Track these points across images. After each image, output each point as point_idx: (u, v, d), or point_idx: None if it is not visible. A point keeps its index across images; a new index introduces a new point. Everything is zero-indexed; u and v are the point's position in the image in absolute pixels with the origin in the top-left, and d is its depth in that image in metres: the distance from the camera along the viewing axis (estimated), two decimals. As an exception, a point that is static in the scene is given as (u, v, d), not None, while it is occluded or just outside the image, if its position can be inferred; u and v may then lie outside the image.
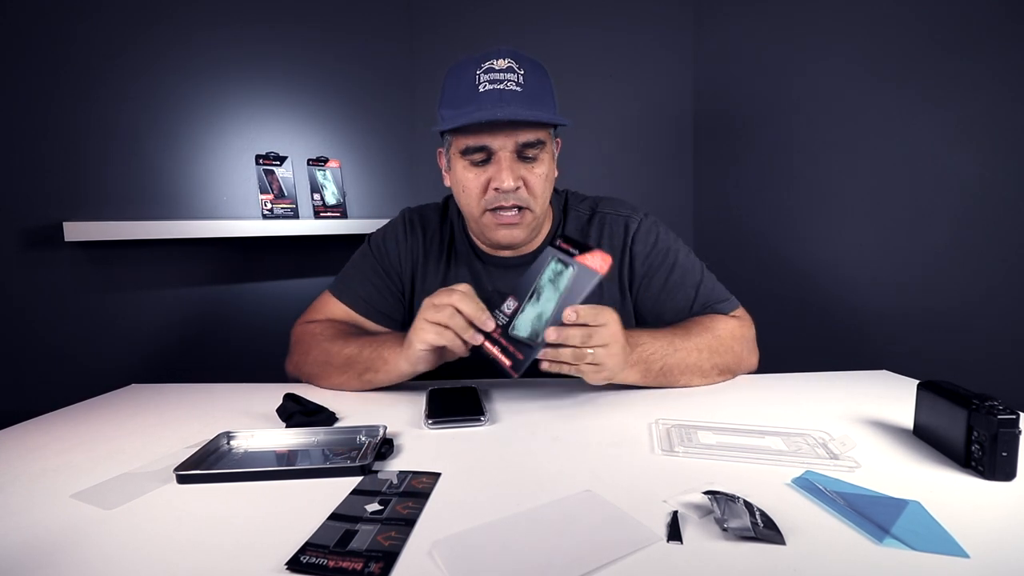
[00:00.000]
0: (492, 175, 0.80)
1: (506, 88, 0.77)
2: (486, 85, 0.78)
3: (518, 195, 0.81)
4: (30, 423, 0.71)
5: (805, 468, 0.52)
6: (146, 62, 1.34)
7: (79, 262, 1.28)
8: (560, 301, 0.67)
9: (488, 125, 0.77)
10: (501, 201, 0.81)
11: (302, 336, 0.90)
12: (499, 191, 0.80)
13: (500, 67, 0.78)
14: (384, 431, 0.61)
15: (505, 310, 0.69)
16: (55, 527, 0.45)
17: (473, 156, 0.81)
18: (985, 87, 1.03)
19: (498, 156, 0.79)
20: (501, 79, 0.78)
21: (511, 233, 0.84)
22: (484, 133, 0.78)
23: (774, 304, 1.50)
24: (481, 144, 0.79)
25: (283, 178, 1.50)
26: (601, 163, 1.80)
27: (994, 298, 1.04)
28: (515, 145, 0.79)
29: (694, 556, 0.39)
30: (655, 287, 0.90)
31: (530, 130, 0.79)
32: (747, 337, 0.87)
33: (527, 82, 0.79)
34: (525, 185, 0.81)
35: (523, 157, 0.81)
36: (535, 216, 0.85)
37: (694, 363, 0.79)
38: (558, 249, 0.69)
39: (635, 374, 0.76)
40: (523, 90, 0.78)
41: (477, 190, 0.82)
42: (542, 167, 0.82)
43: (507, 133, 0.78)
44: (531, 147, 0.80)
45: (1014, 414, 0.48)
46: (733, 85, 1.64)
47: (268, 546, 0.41)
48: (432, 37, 1.80)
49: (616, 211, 0.93)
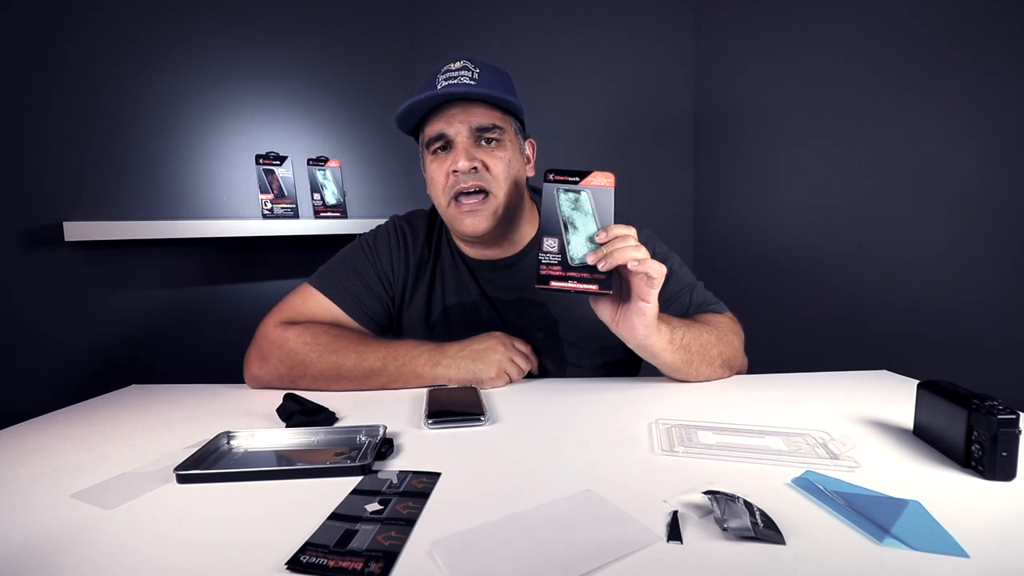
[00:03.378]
0: (451, 161, 0.83)
1: (459, 81, 0.82)
2: (442, 83, 0.82)
3: (479, 176, 0.83)
4: (30, 423, 0.71)
5: (805, 468, 0.52)
6: (146, 62, 1.34)
7: (79, 262, 1.28)
8: (597, 221, 0.70)
9: (444, 115, 0.82)
10: (461, 184, 0.83)
11: (283, 343, 0.83)
12: (457, 173, 0.83)
13: (455, 67, 0.83)
14: (384, 431, 0.61)
15: (551, 249, 0.69)
16: (55, 527, 0.44)
17: (435, 145, 0.85)
18: (985, 87, 1.03)
19: (455, 142, 0.83)
20: (456, 76, 0.82)
21: (474, 221, 0.84)
22: (441, 121, 0.83)
23: (774, 304, 1.50)
24: (438, 132, 0.83)
25: (283, 178, 1.50)
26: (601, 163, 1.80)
27: (994, 298, 1.04)
28: (469, 130, 0.83)
29: (694, 556, 0.39)
30: None
31: (484, 114, 0.83)
32: (740, 334, 0.90)
33: (481, 77, 0.83)
34: (486, 168, 0.83)
35: (483, 141, 0.84)
36: (499, 202, 0.85)
37: (705, 343, 0.80)
38: (556, 183, 0.70)
39: (665, 333, 0.75)
40: (476, 82, 0.82)
41: (441, 180, 0.85)
42: (503, 152, 0.85)
43: (460, 118, 0.82)
44: (488, 130, 0.83)
45: (1014, 414, 0.48)
46: (733, 85, 1.64)
47: (268, 546, 0.41)
48: (433, 37, 1.80)
49: None
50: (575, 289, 0.69)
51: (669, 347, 0.76)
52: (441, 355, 0.81)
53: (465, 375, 0.81)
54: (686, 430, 0.62)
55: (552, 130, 0.99)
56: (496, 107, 0.84)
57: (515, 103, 0.84)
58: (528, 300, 0.91)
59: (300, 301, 0.90)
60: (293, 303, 0.90)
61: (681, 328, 0.78)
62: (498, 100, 0.82)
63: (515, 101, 0.84)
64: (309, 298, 0.90)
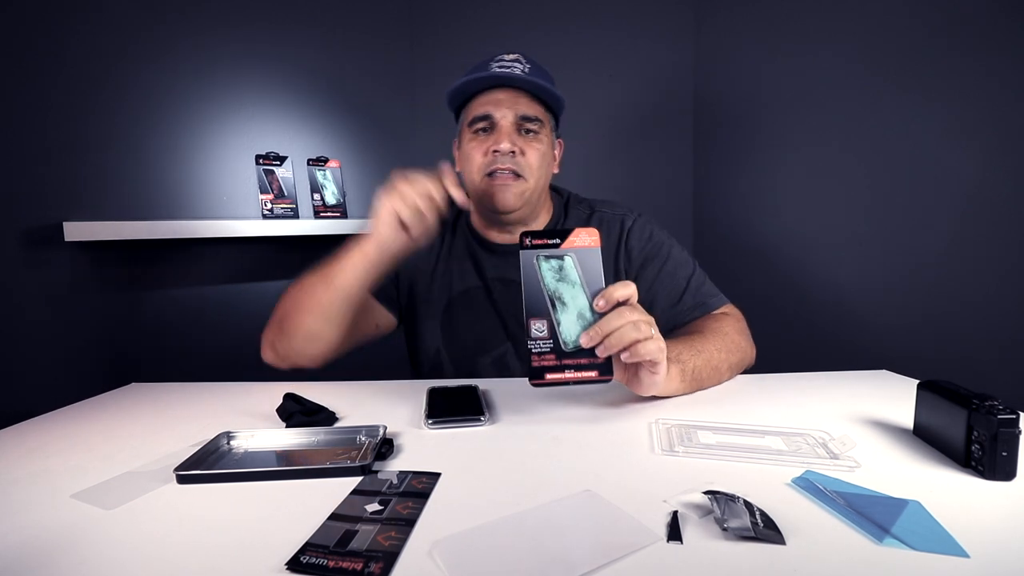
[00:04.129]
0: (493, 141, 0.88)
1: (512, 71, 0.88)
2: (495, 68, 0.88)
3: (515, 161, 0.88)
4: (30, 423, 0.71)
5: (805, 468, 0.52)
6: (146, 62, 1.34)
7: (79, 262, 1.28)
8: (587, 291, 0.63)
9: (494, 99, 0.88)
10: (498, 164, 0.88)
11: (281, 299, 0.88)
12: (497, 153, 0.88)
13: (509, 58, 0.90)
14: (384, 431, 0.61)
15: (540, 334, 0.62)
16: (55, 527, 0.44)
17: (478, 125, 0.90)
18: (985, 87, 1.03)
19: (499, 125, 0.88)
20: (508, 65, 0.89)
21: (504, 196, 0.89)
22: (490, 104, 0.89)
23: (774, 303, 1.50)
24: (485, 112, 0.89)
25: (283, 178, 1.50)
26: (601, 162, 1.80)
27: (994, 298, 1.04)
28: (515, 116, 0.88)
29: (694, 556, 0.39)
30: (649, 276, 0.94)
31: (529, 105, 0.89)
32: (745, 331, 0.90)
33: (532, 71, 0.89)
34: (523, 154, 0.89)
35: (523, 131, 0.90)
36: (529, 187, 0.90)
37: (716, 366, 0.79)
38: (535, 248, 0.64)
39: (676, 376, 0.72)
40: (526, 76, 0.88)
41: (479, 157, 0.90)
42: (540, 144, 0.91)
43: (508, 104, 0.88)
44: (530, 121, 0.89)
45: (1014, 414, 0.48)
46: (733, 85, 1.64)
47: (268, 546, 0.41)
48: (433, 37, 1.80)
49: (613, 211, 0.99)
50: (574, 380, 0.62)
51: (682, 386, 0.74)
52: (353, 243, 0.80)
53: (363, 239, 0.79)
54: (686, 430, 0.62)
55: (552, 130, 1.01)
56: (539, 102, 0.91)
57: (559, 97, 0.90)
58: None
59: None
60: None
61: (691, 359, 0.75)
62: (545, 91, 0.89)
63: (559, 95, 0.90)
64: None
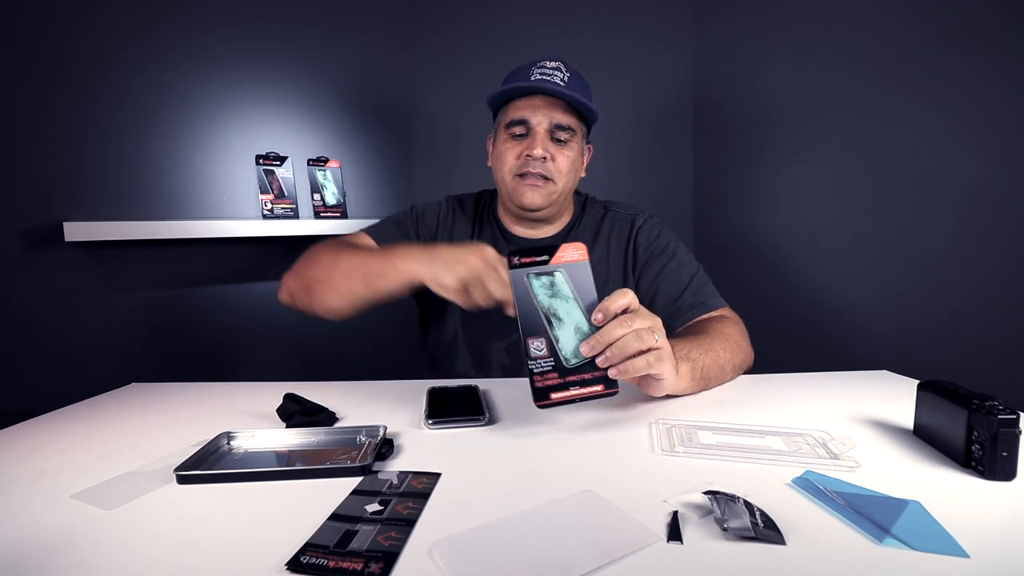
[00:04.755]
0: (526, 146, 0.93)
1: (552, 79, 0.91)
2: (536, 75, 0.92)
3: (545, 166, 0.93)
4: (30, 423, 0.71)
5: (805, 468, 0.52)
6: (146, 62, 1.34)
7: (79, 262, 1.28)
8: (582, 305, 0.61)
9: (532, 105, 0.92)
10: (529, 167, 0.93)
11: (314, 250, 0.90)
12: (530, 157, 0.92)
13: (550, 66, 0.93)
14: (384, 431, 0.61)
15: (539, 353, 0.60)
16: (55, 527, 0.44)
17: (514, 129, 0.94)
18: (985, 87, 1.03)
19: (535, 131, 0.93)
20: (550, 73, 0.92)
21: (533, 195, 0.94)
22: (527, 109, 0.92)
23: (774, 304, 1.50)
24: (522, 117, 0.93)
25: (283, 178, 1.50)
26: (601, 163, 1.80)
27: (994, 298, 1.04)
28: (550, 123, 0.92)
29: (694, 556, 0.39)
30: (653, 272, 0.98)
31: (564, 114, 0.93)
32: (745, 332, 0.91)
33: (571, 81, 0.93)
34: (553, 160, 0.93)
35: (555, 139, 0.94)
36: (557, 190, 0.95)
37: (722, 365, 0.79)
38: (523, 267, 0.61)
39: (686, 374, 0.72)
40: (566, 85, 0.91)
41: (512, 159, 0.95)
42: (570, 151, 0.95)
43: (545, 112, 0.92)
44: (563, 130, 0.93)
45: (1014, 414, 0.48)
46: (733, 85, 1.64)
47: (268, 546, 0.41)
48: (433, 37, 1.80)
49: (626, 211, 1.05)
50: (579, 396, 0.60)
51: (691, 384, 0.74)
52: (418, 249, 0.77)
53: (421, 269, 0.73)
54: (686, 430, 0.62)
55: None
56: (574, 112, 0.94)
57: (594, 110, 0.93)
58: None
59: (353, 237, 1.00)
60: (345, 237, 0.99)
61: (700, 357, 0.75)
62: (580, 104, 0.91)
63: (594, 108, 0.93)
64: (362, 238, 0.99)
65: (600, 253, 1.00)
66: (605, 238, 1.02)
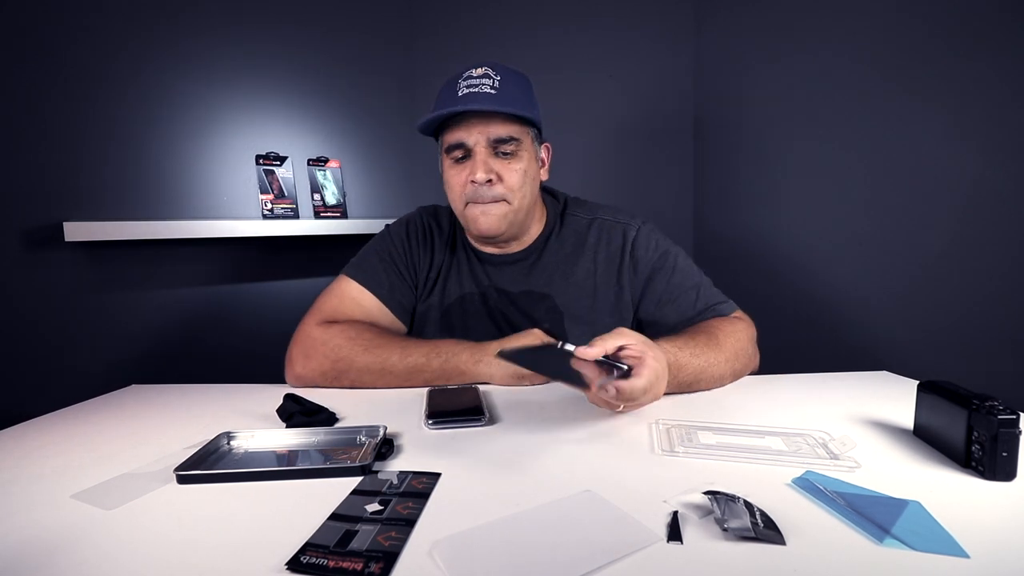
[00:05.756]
0: (469, 171, 0.86)
1: (480, 91, 0.84)
2: (463, 90, 0.85)
3: (493, 190, 0.87)
4: (30, 423, 0.71)
5: (805, 468, 0.52)
6: (146, 62, 1.34)
7: (79, 262, 1.28)
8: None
9: (464, 124, 0.85)
10: (479, 196, 0.87)
11: (327, 340, 0.84)
12: (474, 183, 0.86)
13: (477, 74, 0.86)
14: (384, 431, 0.61)
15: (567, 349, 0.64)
16: (55, 527, 0.44)
17: (454, 153, 0.88)
18: (985, 87, 1.03)
19: (473, 152, 0.86)
20: (476, 84, 0.85)
21: (487, 220, 0.88)
22: (460, 129, 0.85)
23: (775, 305, 1.50)
24: (458, 140, 0.86)
25: (283, 178, 1.51)
26: (601, 164, 1.80)
27: (994, 298, 1.04)
28: (487, 140, 0.85)
29: (694, 556, 0.39)
30: (658, 289, 0.92)
31: (501, 126, 0.85)
32: (753, 338, 0.89)
33: (502, 87, 0.85)
34: (500, 180, 0.87)
35: (499, 154, 0.87)
36: (512, 209, 0.89)
37: (716, 374, 0.78)
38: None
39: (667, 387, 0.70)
40: (496, 92, 0.84)
41: (459, 186, 0.88)
42: (519, 163, 0.88)
43: (479, 129, 0.85)
44: (505, 143, 0.86)
45: (1014, 414, 0.48)
46: (733, 85, 1.64)
47: (268, 546, 0.41)
48: (432, 37, 1.80)
49: (615, 218, 0.97)
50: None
51: (679, 389, 0.75)
52: (482, 352, 0.82)
53: (506, 371, 0.81)
54: (686, 430, 0.62)
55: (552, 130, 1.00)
56: (514, 119, 0.86)
57: (531, 116, 0.86)
58: (535, 293, 0.94)
59: (337, 296, 0.92)
60: (330, 301, 0.92)
61: (689, 362, 0.75)
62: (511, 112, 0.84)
63: (530, 115, 0.86)
64: (346, 291, 0.92)
65: (586, 267, 0.94)
66: (591, 250, 0.95)
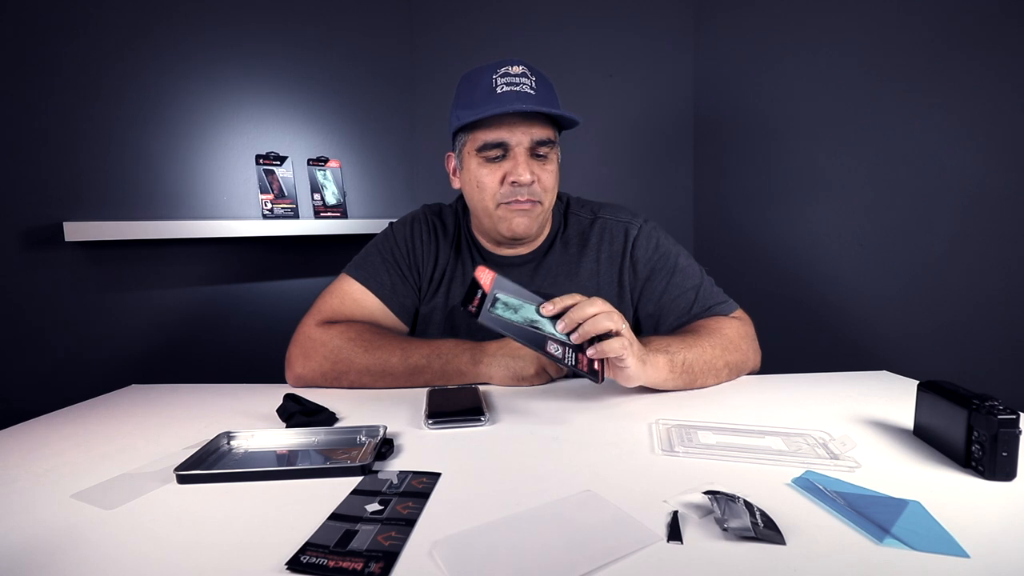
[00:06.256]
0: (508, 170, 0.85)
1: (522, 90, 0.83)
2: (503, 87, 0.83)
3: (532, 190, 0.86)
4: (30, 423, 0.71)
5: (805, 468, 0.52)
6: (146, 62, 1.34)
7: (79, 262, 1.28)
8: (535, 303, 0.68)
9: (507, 123, 0.83)
10: (517, 195, 0.85)
11: (327, 340, 0.84)
12: (516, 184, 0.85)
13: (515, 72, 0.84)
14: (384, 431, 0.61)
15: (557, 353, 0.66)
16: (55, 527, 0.45)
17: (490, 152, 0.85)
18: (985, 87, 1.03)
19: (515, 152, 0.85)
20: (517, 82, 0.83)
21: (524, 222, 0.88)
22: (503, 128, 0.84)
23: (775, 305, 1.50)
24: (500, 140, 0.84)
25: (283, 178, 1.51)
26: (601, 164, 1.80)
27: (994, 298, 1.04)
28: (530, 141, 0.85)
29: (694, 556, 0.39)
30: (657, 290, 0.92)
31: (543, 129, 0.85)
32: (751, 335, 0.89)
33: (539, 87, 0.85)
34: (539, 181, 0.86)
35: (535, 155, 0.86)
36: (544, 210, 0.89)
37: (710, 360, 0.79)
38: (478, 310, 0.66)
39: (663, 366, 0.74)
40: (536, 93, 0.84)
41: (493, 185, 0.86)
42: (552, 165, 0.88)
43: (523, 130, 0.84)
44: (544, 145, 0.86)
45: (1014, 414, 0.48)
46: (733, 86, 1.64)
47: (268, 546, 0.41)
48: (433, 37, 1.80)
49: (616, 217, 0.96)
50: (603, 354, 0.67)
51: (670, 376, 0.75)
52: (482, 353, 0.82)
53: (506, 372, 0.81)
54: (686, 430, 0.62)
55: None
56: (549, 121, 0.86)
57: (578, 120, 0.86)
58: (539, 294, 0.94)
59: (338, 296, 0.92)
60: (331, 300, 0.91)
61: (682, 351, 0.76)
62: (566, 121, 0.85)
63: (578, 120, 0.86)
64: (347, 291, 0.92)
65: (589, 267, 0.94)
66: (594, 250, 0.94)
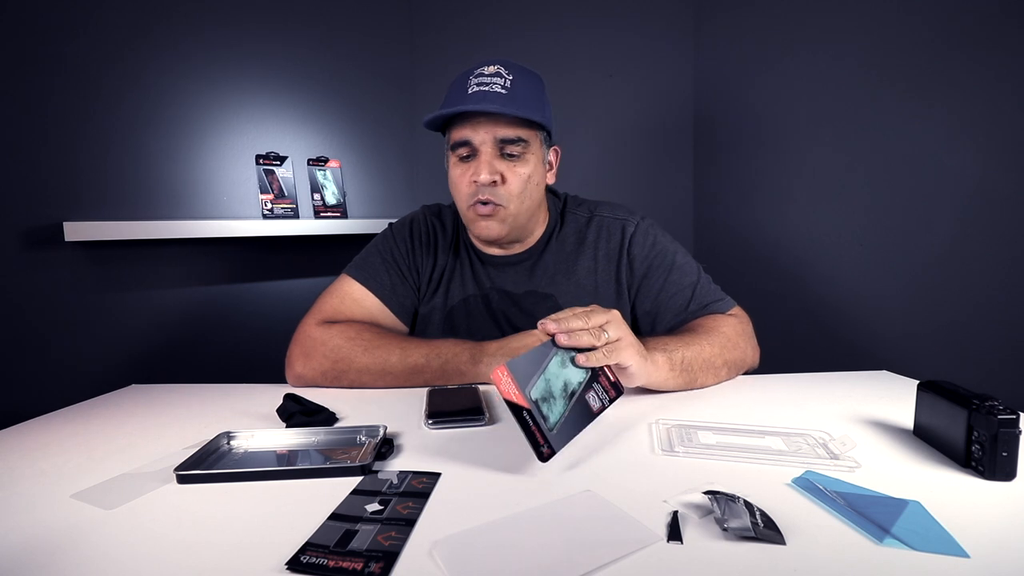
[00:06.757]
0: (473, 171, 0.85)
1: (491, 90, 0.83)
2: (474, 87, 0.84)
3: (493, 191, 0.85)
4: (30, 423, 0.71)
5: (805, 468, 0.52)
6: (146, 62, 1.34)
7: (79, 262, 1.28)
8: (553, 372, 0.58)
9: (470, 121, 0.83)
10: (478, 196, 0.86)
11: (327, 340, 0.84)
12: (476, 184, 0.85)
13: (488, 72, 0.84)
14: (384, 431, 0.61)
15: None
16: (55, 527, 0.44)
17: (459, 151, 0.86)
18: (985, 87, 1.03)
19: (479, 151, 0.85)
20: (488, 82, 0.84)
21: (487, 225, 0.88)
22: (467, 127, 0.84)
23: (775, 304, 1.50)
24: (464, 138, 0.85)
25: (283, 178, 1.51)
26: (601, 163, 1.80)
27: (994, 298, 1.04)
28: (494, 140, 0.84)
29: (694, 556, 0.39)
30: (654, 287, 0.92)
31: (510, 127, 0.84)
32: (748, 333, 0.89)
33: (513, 86, 0.84)
34: (503, 181, 0.85)
35: (506, 155, 0.85)
36: (510, 213, 0.87)
37: (708, 358, 0.79)
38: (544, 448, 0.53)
39: (663, 364, 0.72)
40: (507, 92, 0.83)
41: (464, 185, 0.87)
42: (525, 167, 0.87)
43: (487, 128, 0.83)
44: (512, 144, 0.84)
45: (1014, 414, 0.48)
46: (733, 86, 1.64)
47: (268, 546, 0.41)
48: (433, 37, 1.80)
49: (613, 215, 0.96)
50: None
51: (671, 375, 0.74)
52: (482, 353, 0.82)
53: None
54: (686, 430, 0.62)
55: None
56: (523, 121, 0.84)
57: (539, 119, 0.84)
58: (537, 293, 0.94)
59: (338, 296, 0.92)
60: (331, 300, 0.91)
61: (680, 349, 0.76)
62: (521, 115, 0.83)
63: (539, 118, 0.84)
64: (347, 291, 0.92)
65: (587, 265, 0.94)
66: (591, 248, 0.94)
